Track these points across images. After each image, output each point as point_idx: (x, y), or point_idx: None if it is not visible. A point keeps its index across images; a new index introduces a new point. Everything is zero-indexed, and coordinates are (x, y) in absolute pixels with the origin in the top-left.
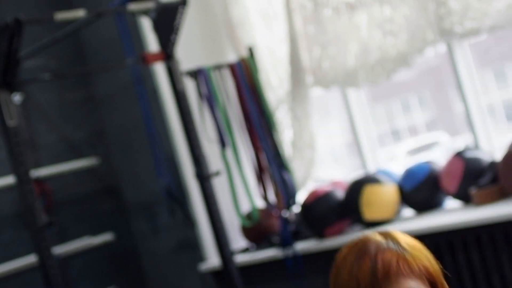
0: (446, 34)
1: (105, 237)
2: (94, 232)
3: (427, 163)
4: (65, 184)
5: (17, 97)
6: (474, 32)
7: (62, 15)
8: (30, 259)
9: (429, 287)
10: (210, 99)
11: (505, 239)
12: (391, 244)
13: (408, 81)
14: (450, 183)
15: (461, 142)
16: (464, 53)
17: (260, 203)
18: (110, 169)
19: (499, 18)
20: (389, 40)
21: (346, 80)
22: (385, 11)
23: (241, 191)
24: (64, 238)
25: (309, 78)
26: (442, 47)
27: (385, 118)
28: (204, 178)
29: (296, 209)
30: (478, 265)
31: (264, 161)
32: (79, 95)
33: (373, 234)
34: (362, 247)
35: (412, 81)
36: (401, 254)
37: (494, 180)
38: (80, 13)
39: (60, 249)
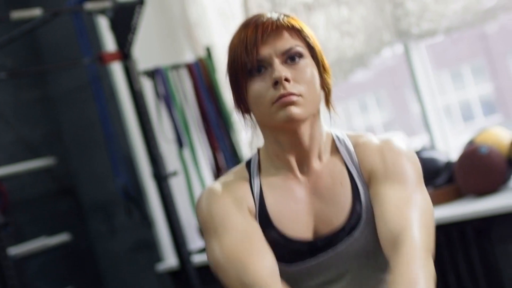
0: (403, 35)
1: (61, 238)
2: (51, 232)
3: None
4: (21, 184)
5: None
6: (431, 33)
7: (18, 14)
8: None
9: (307, 49)
10: (167, 99)
11: (460, 238)
12: (273, 13)
13: (365, 82)
14: None
15: (417, 142)
16: (420, 54)
17: None
18: (66, 169)
19: (455, 19)
20: (346, 40)
21: None
22: (342, 12)
23: (198, 191)
24: (20, 238)
25: None
26: (399, 48)
27: (343, 118)
28: (161, 178)
29: None
30: (434, 264)
31: (222, 161)
32: (35, 94)
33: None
34: (249, 18)
35: (369, 81)
36: (281, 18)
37: (450, 180)
38: (36, 12)
39: (16, 250)
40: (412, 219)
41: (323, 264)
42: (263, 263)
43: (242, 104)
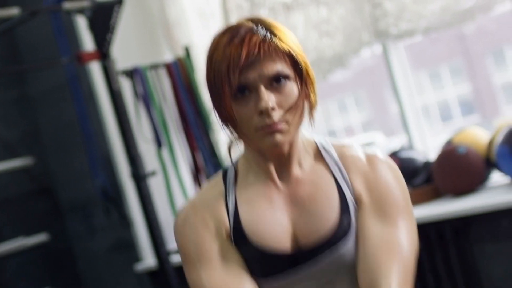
0: (382, 35)
1: (39, 238)
2: (29, 232)
3: None
4: None
5: None
6: (409, 33)
7: None
8: None
9: (292, 68)
10: (146, 98)
11: (438, 238)
12: (260, 29)
13: (344, 82)
14: None
15: (396, 142)
16: (399, 54)
17: None
18: (44, 169)
19: (433, 20)
20: (325, 40)
21: None
22: (321, 12)
23: (177, 191)
24: None
25: None
26: (377, 48)
27: (321, 118)
28: (140, 178)
29: None
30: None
31: (200, 161)
32: (13, 94)
33: (245, 20)
34: (234, 30)
35: (348, 81)
36: (268, 38)
37: (428, 180)
38: (14, 11)
39: None
40: (393, 268)
41: (304, 277)
42: None
43: (224, 118)
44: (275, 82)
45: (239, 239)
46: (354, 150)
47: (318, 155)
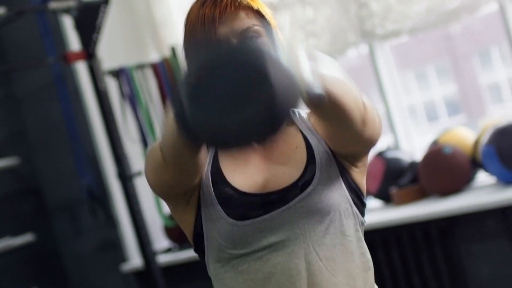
0: (368, 36)
1: (25, 238)
2: (15, 233)
3: None
4: None
5: None
6: (395, 34)
7: None
8: None
9: (264, 28)
10: (132, 98)
11: (424, 238)
12: None
13: None
14: (371, 183)
15: (382, 142)
16: (385, 54)
17: None
18: (30, 169)
19: (419, 20)
20: (311, 41)
21: None
22: (307, 12)
23: None
24: None
25: None
26: (363, 49)
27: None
28: (126, 178)
29: None
30: (398, 264)
31: None
32: None
33: None
34: None
35: None
36: None
37: (414, 180)
38: (0, 10)
39: None
40: None
41: (276, 221)
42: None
43: None
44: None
45: (216, 178)
46: None
47: (291, 120)
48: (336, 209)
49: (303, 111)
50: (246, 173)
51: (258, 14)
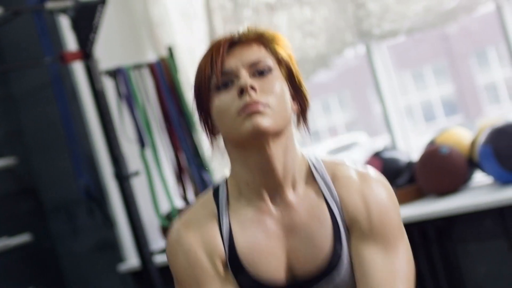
0: (365, 36)
1: (23, 238)
2: (12, 233)
3: None
4: None
5: None
6: (393, 34)
7: None
8: None
9: (277, 64)
10: (129, 98)
11: (421, 238)
12: (245, 31)
13: (328, 82)
14: None
15: (379, 142)
16: (382, 54)
17: (179, 203)
18: (28, 169)
19: (417, 20)
20: (308, 41)
21: None
22: (305, 12)
23: (160, 191)
24: None
25: None
26: (361, 49)
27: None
28: (123, 178)
29: None
30: None
31: (184, 161)
32: None
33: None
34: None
35: (332, 82)
36: (252, 31)
37: (411, 180)
38: None
39: None
40: None
41: None
42: None
43: (208, 124)
44: (258, 73)
45: (235, 267)
46: (346, 170)
47: (310, 176)
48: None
49: (315, 157)
50: (265, 252)
51: (270, 47)
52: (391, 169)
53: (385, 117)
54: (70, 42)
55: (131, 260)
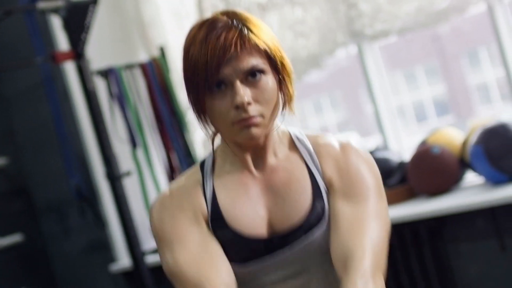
0: (357, 36)
1: (14, 238)
2: (3, 233)
3: None
4: None
5: None
6: (384, 34)
7: None
8: None
9: (268, 62)
10: (121, 98)
11: (413, 238)
12: (235, 23)
13: (319, 83)
14: None
15: (371, 142)
16: (374, 54)
17: None
18: (19, 169)
19: (408, 20)
20: (300, 41)
21: None
22: (296, 13)
23: (152, 191)
24: None
25: None
26: (352, 49)
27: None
28: (115, 178)
29: None
30: (387, 264)
31: (175, 161)
32: None
33: (221, 14)
34: (210, 25)
35: (323, 82)
36: (244, 33)
37: (403, 180)
38: None
39: None
40: (365, 242)
41: (279, 262)
42: (220, 279)
43: (200, 111)
44: (251, 76)
45: (217, 223)
46: (327, 139)
47: (292, 145)
48: None
49: (299, 131)
50: (247, 210)
51: (262, 49)
52: (382, 169)
53: (376, 117)
54: (62, 42)
55: (123, 260)
